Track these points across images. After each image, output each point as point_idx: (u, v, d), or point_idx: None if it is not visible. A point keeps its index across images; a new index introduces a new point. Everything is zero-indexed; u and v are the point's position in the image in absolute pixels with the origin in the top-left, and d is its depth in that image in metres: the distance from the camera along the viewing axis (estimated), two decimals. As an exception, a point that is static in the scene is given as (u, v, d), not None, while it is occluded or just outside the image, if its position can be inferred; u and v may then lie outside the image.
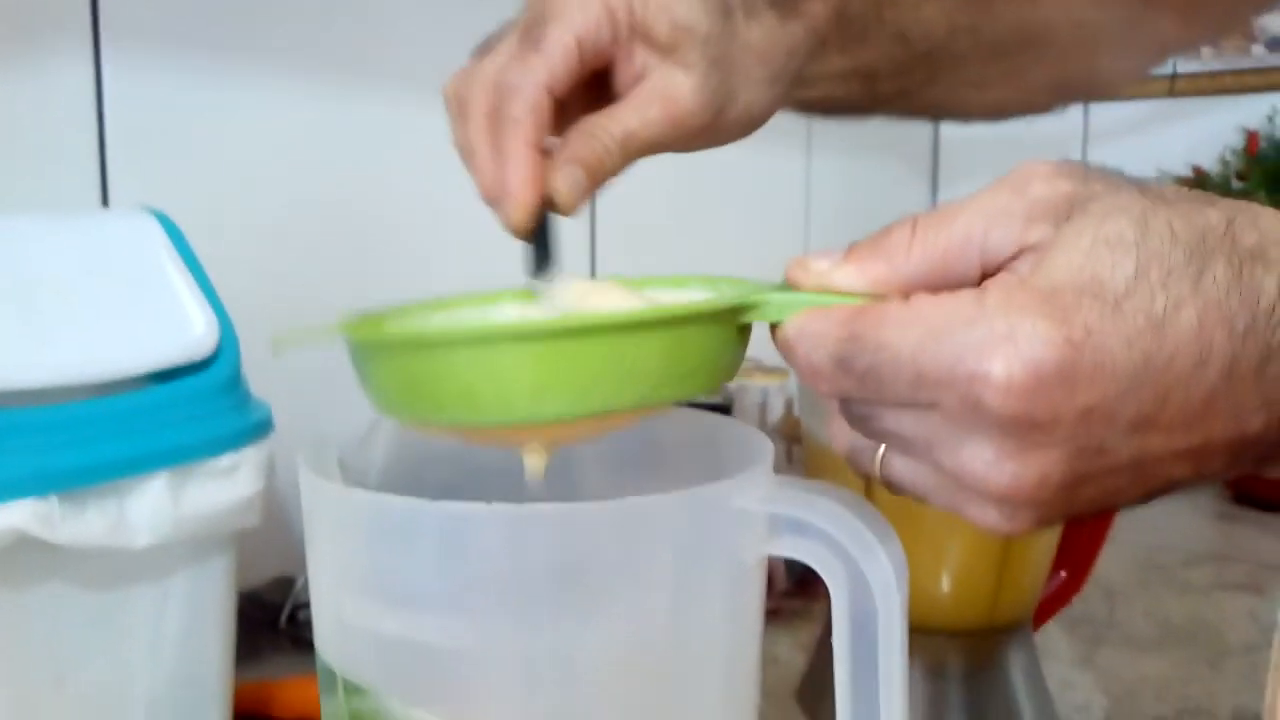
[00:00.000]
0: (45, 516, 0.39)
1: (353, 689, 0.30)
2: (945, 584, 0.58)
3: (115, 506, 0.42)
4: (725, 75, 0.38)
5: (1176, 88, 1.41)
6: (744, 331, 0.31)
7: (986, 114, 0.54)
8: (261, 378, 0.50)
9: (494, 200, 0.36)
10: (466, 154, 0.37)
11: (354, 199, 0.80)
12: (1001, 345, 0.25)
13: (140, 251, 0.48)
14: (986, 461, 0.26)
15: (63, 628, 0.43)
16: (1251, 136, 1.33)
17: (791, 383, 1.01)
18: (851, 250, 0.29)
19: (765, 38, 0.40)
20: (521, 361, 0.28)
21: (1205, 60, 1.42)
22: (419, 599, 0.28)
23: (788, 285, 0.30)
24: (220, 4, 0.70)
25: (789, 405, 1.00)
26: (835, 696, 0.31)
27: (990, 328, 0.25)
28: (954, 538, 0.57)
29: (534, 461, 0.32)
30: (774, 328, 0.29)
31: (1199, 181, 1.30)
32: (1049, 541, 0.60)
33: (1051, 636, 0.73)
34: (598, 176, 0.36)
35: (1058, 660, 0.70)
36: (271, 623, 0.72)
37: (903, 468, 0.29)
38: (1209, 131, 1.38)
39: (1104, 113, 1.48)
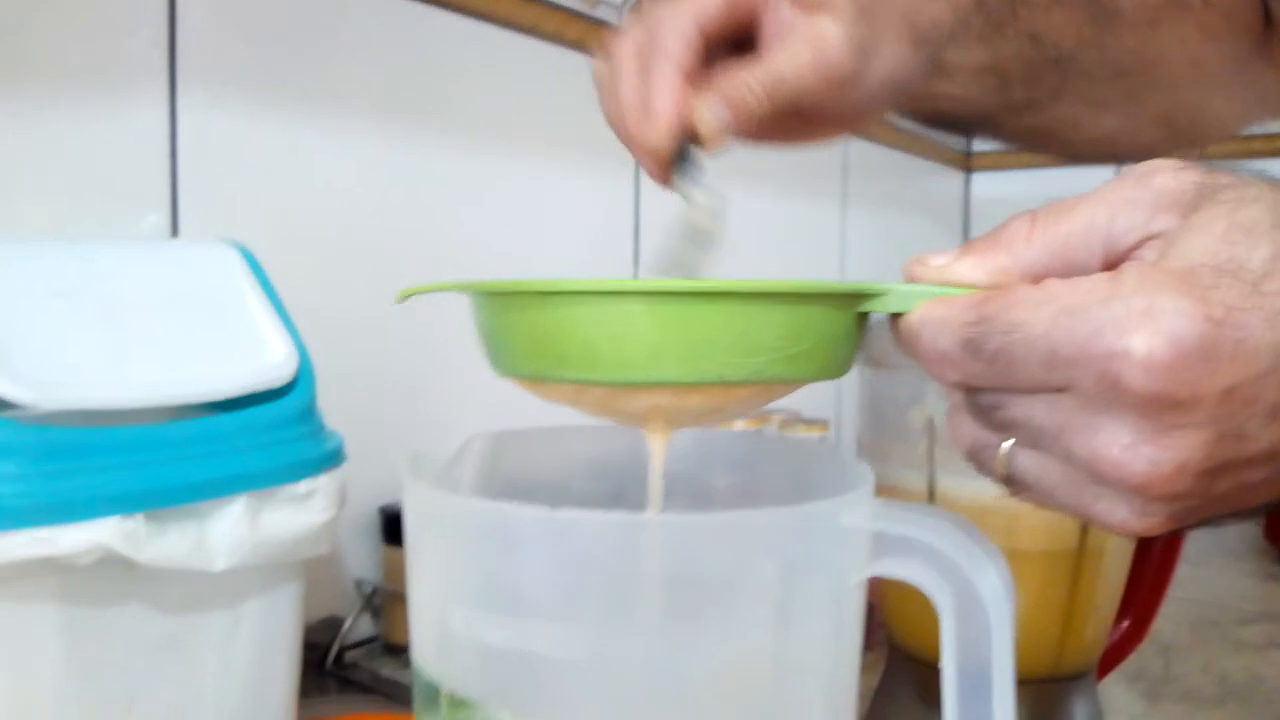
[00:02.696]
0: (131, 534, 0.39)
1: (457, 703, 0.29)
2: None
3: (196, 528, 0.42)
4: (871, 27, 0.38)
5: (1252, 149, 1.38)
6: (862, 322, 0.31)
7: (1097, 144, 0.54)
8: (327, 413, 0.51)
9: (635, 128, 0.36)
10: (608, 92, 0.37)
11: (421, 236, 0.82)
12: (1141, 321, 0.24)
13: (221, 280, 0.49)
14: (1123, 446, 0.25)
15: (137, 649, 0.43)
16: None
17: (832, 434, 1.01)
18: (969, 245, 0.28)
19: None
20: (641, 320, 0.28)
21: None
22: (528, 608, 0.28)
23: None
24: (291, 48, 0.72)
25: (831, 456, 1.00)
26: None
27: (1128, 304, 0.24)
28: (1021, 584, 0.57)
29: (656, 441, 0.32)
30: (895, 321, 0.29)
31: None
32: (1114, 589, 0.59)
33: (1111, 690, 0.72)
34: (741, 115, 0.36)
35: (1118, 714, 0.69)
36: (318, 664, 0.72)
37: (1029, 462, 0.28)
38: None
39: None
